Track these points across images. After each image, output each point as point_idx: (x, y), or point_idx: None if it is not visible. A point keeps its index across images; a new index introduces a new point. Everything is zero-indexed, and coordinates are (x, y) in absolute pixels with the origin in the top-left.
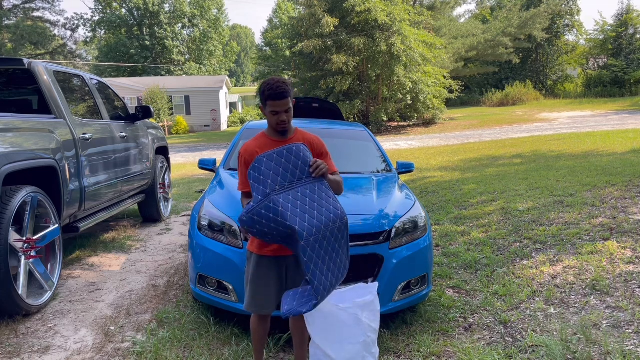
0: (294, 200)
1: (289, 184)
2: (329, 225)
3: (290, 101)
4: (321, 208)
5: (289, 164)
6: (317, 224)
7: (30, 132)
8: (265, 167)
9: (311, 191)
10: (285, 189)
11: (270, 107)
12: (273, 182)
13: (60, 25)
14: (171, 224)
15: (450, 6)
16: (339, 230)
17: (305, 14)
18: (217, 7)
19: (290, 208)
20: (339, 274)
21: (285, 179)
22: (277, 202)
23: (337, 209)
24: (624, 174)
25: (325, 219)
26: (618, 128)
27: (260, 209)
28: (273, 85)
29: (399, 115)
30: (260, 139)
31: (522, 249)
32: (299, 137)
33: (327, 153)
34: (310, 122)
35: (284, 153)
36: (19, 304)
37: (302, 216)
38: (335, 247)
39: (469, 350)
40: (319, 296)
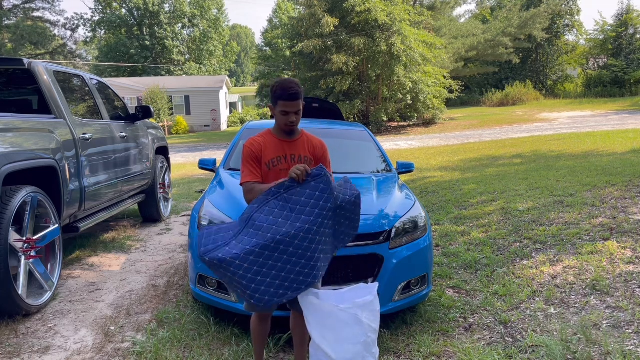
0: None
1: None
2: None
3: (301, 103)
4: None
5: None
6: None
7: (30, 132)
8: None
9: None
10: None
11: (281, 107)
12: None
13: (60, 25)
14: (171, 224)
15: (450, 6)
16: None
17: (305, 14)
18: (217, 7)
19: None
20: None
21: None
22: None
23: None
24: (624, 174)
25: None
26: (618, 128)
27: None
28: (286, 85)
29: (399, 115)
30: (266, 136)
31: (522, 249)
32: (304, 139)
33: (327, 157)
34: (310, 122)
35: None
36: (19, 304)
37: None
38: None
39: (469, 350)
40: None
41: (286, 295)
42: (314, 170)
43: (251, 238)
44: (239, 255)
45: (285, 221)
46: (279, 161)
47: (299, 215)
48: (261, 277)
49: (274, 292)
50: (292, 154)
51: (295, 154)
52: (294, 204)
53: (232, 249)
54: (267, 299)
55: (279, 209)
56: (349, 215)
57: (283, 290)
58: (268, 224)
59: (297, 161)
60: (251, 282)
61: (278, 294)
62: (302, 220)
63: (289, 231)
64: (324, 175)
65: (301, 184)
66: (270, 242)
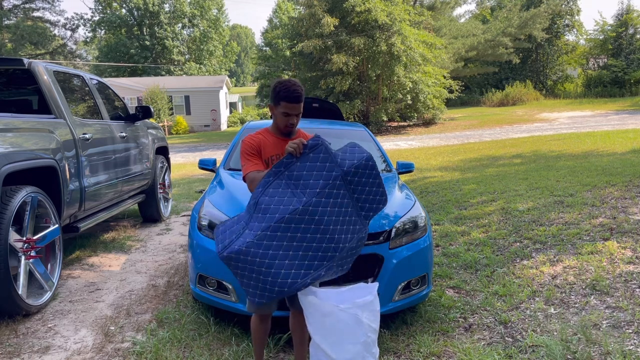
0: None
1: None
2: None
3: (302, 106)
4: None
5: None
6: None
7: (30, 132)
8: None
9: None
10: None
11: (284, 109)
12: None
13: (60, 25)
14: (171, 224)
15: (450, 6)
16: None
17: (305, 14)
18: (217, 7)
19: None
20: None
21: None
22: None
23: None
24: (624, 174)
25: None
26: (618, 128)
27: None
28: (290, 87)
29: (399, 115)
30: (265, 134)
31: (522, 249)
32: (300, 136)
33: None
34: (310, 122)
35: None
36: (19, 304)
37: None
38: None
39: (469, 350)
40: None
41: (309, 275)
42: (310, 141)
43: (260, 223)
44: (252, 241)
45: (291, 198)
46: (277, 159)
47: (304, 190)
48: (279, 260)
49: (296, 273)
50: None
51: None
52: (296, 179)
53: (245, 238)
54: (289, 282)
55: (282, 188)
56: (365, 181)
57: (305, 270)
58: (274, 204)
59: None
60: (270, 268)
61: (300, 275)
62: (308, 194)
63: (296, 207)
64: (321, 144)
65: (299, 157)
66: (279, 222)
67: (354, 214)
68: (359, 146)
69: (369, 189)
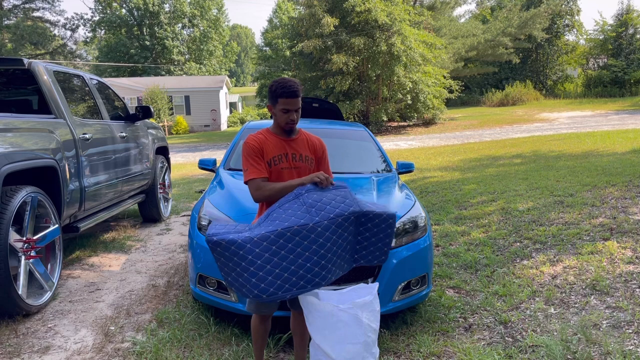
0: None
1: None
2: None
3: (300, 101)
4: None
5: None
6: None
7: (30, 132)
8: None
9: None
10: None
11: (282, 105)
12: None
13: (60, 25)
14: (171, 224)
15: (450, 6)
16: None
17: (305, 14)
18: (217, 7)
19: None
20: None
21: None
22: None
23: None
24: (624, 174)
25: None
26: (618, 128)
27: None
28: (286, 83)
29: (399, 115)
30: (266, 134)
31: (522, 249)
32: (303, 137)
33: (327, 157)
34: (310, 122)
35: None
36: (19, 304)
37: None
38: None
39: (469, 350)
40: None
41: (290, 292)
42: (338, 182)
43: (267, 227)
44: (252, 239)
45: (304, 214)
46: (279, 160)
47: (319, 212)
48: (270, 266)
49: (280, 284)
50: (293, 153)
51: (296, 153)
52: (314, 200)
53: (244, 234)
54: (271, 291)
55: (297, 205)
56: (376, 232)
57: (289, 285)
58: (286, 215)
59: (298, 160)
60: (258, 270)
61: (283, 288)
62: (322, 216)
63: (307, 223)
64: (347, 189)
65: (322, 189)
66: (286, 230)
67: (349, 253)
68: (384, 206)
69: (375, 240)
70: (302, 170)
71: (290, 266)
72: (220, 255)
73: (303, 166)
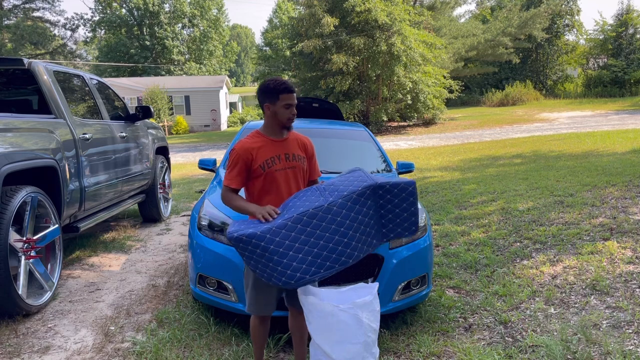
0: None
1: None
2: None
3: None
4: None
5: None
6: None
7: (30, 132)
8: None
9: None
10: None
11: (285, 100)
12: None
13: (60, 25)
14: (171, 224)
15: (450, 6)
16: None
17: (305, 14)
18: (217, 7)
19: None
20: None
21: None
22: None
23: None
24: (624, 174)
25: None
26: (618, 128)
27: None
28: (284, 81)
29: (399, 115)
30: (255, 137)
31: (522, 249)
32: (293, 136)
33: (315, 156)
34: (310, 122)
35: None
36: (19, 304)
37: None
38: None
39: (469, 350)
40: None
41: (318, 274)
42: (352, 169)
43: (283, 215)
44: (271, 229)
45: (318, 198)
46: (273, 162)
47: (333, 192)
48: (293, 252)
49: (306, 268)
50: (287, 153)
51: (289, 153)
52: (327, 185)
53: (262, 226)
54: (298, 276)
55: (310, 192)
56: (398, 203)
57: (315, 268)
58: (300, 202)
59: (291, 160)
60: (282, 258)
61: (310, 272)
62: (335, 195)
63: (322, 204)
64: (361, 170)
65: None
66: (302, 215)
67: (375, 228)
68: (404, 178)
69: (400, 212)
70: (297, 169)
71: (313, 249)
72: (244, 250)
73: (298, 165)
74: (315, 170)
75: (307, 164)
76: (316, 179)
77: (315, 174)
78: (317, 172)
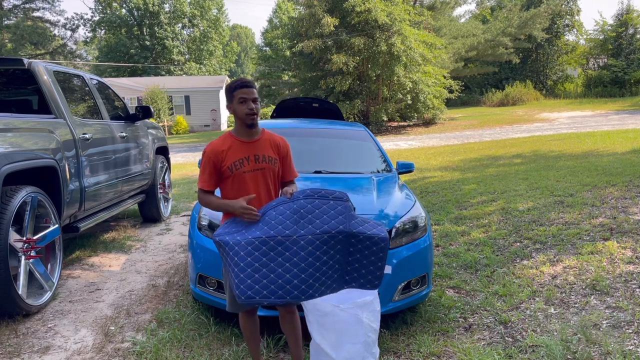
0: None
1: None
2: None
3: (256, 92)
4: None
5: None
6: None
7: (30, 132)
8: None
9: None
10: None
11: (240, 95)
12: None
13: (60, 25)
14: (171, 224)
15: (450, 6)
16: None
17: (305, 14)
18: (217, 7)
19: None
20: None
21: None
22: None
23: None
24: (624, 174)
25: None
26: (618, 128)
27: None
28: (239, 78)
29: (399, 115)
30: (226, 139)
31: (522, 249)
32: (266, 137)
33: (290, 156)
34: (310, 122)
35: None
36: (19, 304)
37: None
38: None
39: (469, 350)
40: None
41: (268, 299)
42: (337, 193)
43: (256, 230)
44: (240, 242)
45: (292, 224)
46: (241, 163)
47: (307, 225)
48: (251, 270)
49: (258, 290)
50: (256, 154)
51: (259, 154)
52: (306, 211)
53: (237, 236)
54: (249, 294)
55: (290, 212)
56: (367, 255)
57: (267, 292)
58: (275, 221)
59: (261, 161)
60: (241, 272)
61: (261, 294)
62: (307, 229)
63: (290, 235)
64: (346, 201)
65: (321, 198)
66: (270, 239)
67: (338, 273)
68: (381, 226)
69: (367, 263)
70: (266, 170)
71: (270, 274)
72: (221, 252)
73: (267, 167)
74: (290, 171)
75: (279, 164)
76: (292, 180)
77: (291, 174)
78: (292, 173)
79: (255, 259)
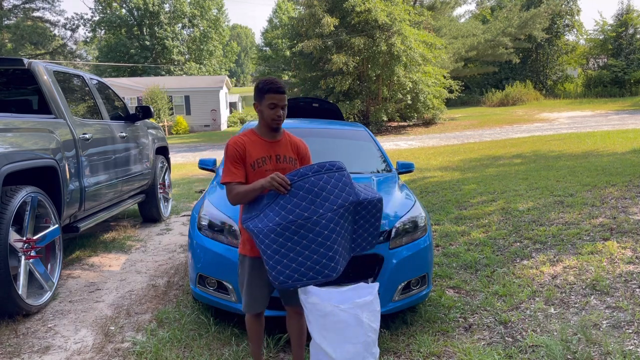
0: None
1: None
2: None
3: (286, 99)
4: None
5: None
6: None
7: (30, 132)
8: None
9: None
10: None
11: (270, 100)
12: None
13: (60, 25)
14: (171, 224)
15: (450, 6)
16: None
17: (305, 14)
18: (217, 7)
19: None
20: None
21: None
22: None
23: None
24: (624, 174)
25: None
26: (618, 128)
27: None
28: (273, 80)
29: (399, 115)
30: (250, 136)
31: (522, 249)
32: (286, 139)
33: (309, 157)
34: (310, 122)
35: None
36: (19, 304)
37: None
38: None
39: (469, 350)
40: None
41: (300, 282)
42: (337, 163)
43: (275, 215)
44: (263, 230)
45: (308, 205)
46: (263, 162)
47: (324, 203)
48: (279, 257)
49: (289, 274)
50: (277, 155)
51: (280, 155)
52: (320, 189)
53: (258, 223)
54: (281, 279)
55: (303, 192)
56: (368, 218)
57: (298, 275)
58: (292, 205)
59: (282, 161)
60: (269, 259)
61: (293, 278)
62: (326, 207)
63: (310, 217)
64: (344, 171)
65: (328, 172)
66: (291, 224)
67: (349, 242)
68: (372, 188)
69: (368, 226)
70: (287, 171)
71: (298, 257)
72: (255, 239)
73: (288, 167)
74: None
75: (299, 165)
76: None
77: None
78: None
79: (281, 245)
